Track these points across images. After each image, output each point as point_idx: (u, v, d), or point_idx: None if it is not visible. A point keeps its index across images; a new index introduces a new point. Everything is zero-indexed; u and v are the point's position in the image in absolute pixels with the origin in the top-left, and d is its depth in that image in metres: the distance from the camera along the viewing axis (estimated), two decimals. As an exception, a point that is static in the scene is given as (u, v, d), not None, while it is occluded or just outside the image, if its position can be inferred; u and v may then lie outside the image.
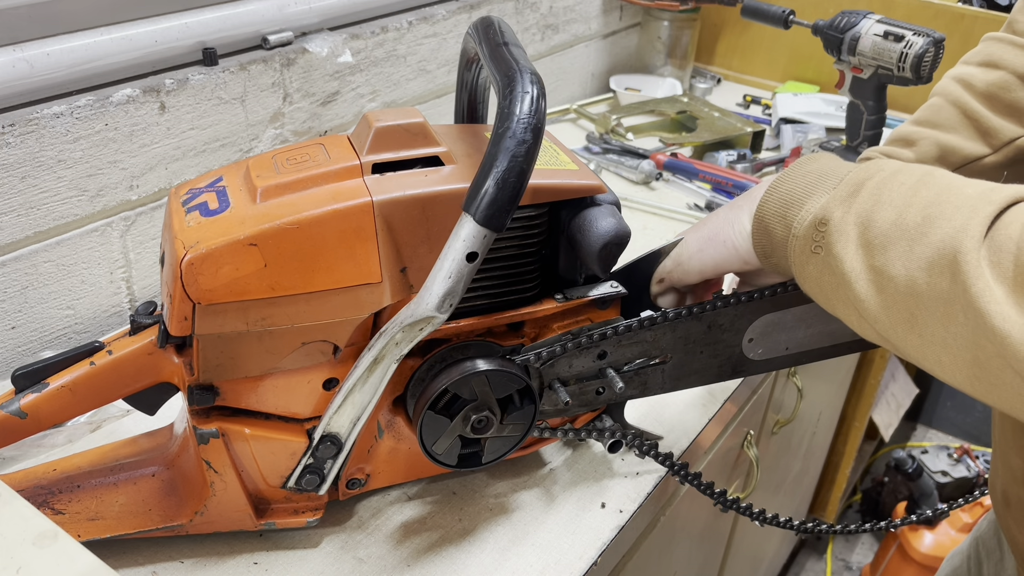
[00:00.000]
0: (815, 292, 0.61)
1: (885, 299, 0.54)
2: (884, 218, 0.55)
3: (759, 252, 0.66)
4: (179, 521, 0.68)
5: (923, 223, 0.52)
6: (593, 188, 0.69)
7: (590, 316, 0.74)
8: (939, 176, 0.56)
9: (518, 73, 0.59)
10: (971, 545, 1.03)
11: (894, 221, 0.54)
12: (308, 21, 1.14)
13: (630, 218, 0.75)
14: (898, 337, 0.54)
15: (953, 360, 0.51)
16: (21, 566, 0.45)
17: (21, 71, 0.86)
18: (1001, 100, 0.85)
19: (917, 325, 0.52)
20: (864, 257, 0.55)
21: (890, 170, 0.58)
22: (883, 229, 0.54)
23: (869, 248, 0.55)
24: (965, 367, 0.51)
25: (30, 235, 0.89)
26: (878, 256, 0.54)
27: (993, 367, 0.49)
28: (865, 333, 0.58)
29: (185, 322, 0.60)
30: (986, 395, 0.51)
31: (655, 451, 0.78)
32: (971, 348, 0.49)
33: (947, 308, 0.50)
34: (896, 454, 2.10)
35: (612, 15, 1.71)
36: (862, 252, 0.55)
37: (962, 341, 0.50)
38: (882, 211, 0.55)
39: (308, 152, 0.66)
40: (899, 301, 0.53)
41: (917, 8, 1.64)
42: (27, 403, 0.64)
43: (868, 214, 0.56)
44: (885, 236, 0.54)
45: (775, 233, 0.63)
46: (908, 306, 0.52)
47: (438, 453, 0.69)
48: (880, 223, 0.55)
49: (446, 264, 0.58)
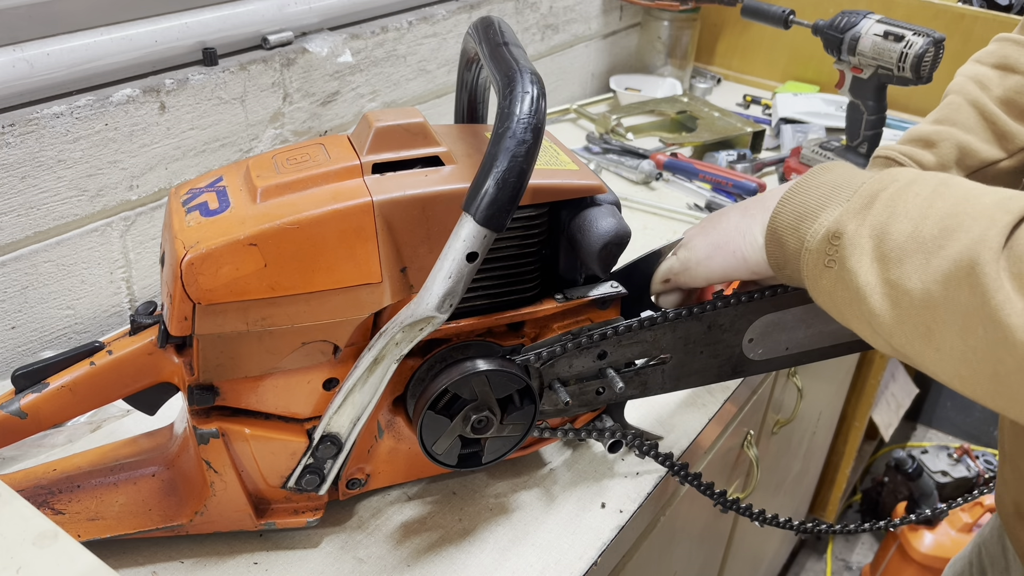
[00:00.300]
0: (828, 306, 0.60)
1: (900, 313, 0.53)
2: (899, 231, 0.53)
3: (773, 264, 0.65)
4: (179, 521, 0.68)
5: (940, 235, 0.51)
6: (593, 188, 0.69)
7: (590, 316, 0.74)
8: (955, 186, 0.55)
9: (518, 73, 0.59)
10: (973, 551, 1.02)
11: (910, 234, 0.53)
12: (308, 21, 1.14)
13: (630, 218, 0.75)
14: (915, 351, 0.54)
15: (972, 373, 0.50)
16: (21, 566, 0.45)
17: (21, 71, 0.86)
18: (1018, 105, 0.85)
19: (934, 339, 0.51)
20: (879, 271, 0.54)
21: (904, 180, 0.57)
22: (899, 242, 0.53)
23: (884, 261, 0.54)
24: (985, 381, 0.50)
25: (30, 235, 0.89)
26: (893, 269, 0.53)
27: (1014, 381, 0.48)
28: (879, 346, 0.57)
29: (185, 322, 0.60)
30: (1008, 408, 0.50)
31: (655, 451, 0.78)
32: (991, 362, 0.48)
33: (966, 321, 0.49)
34: (896, 454, 2.10)
35: (612, 15, 1.71)
36: (877, 265, 0.54)
37: (981, 355, 0.49)
38: (897, 223, 0.54)
39: (308, 152, 0.66)
40: (915, 315, 0.52)
41: (917, 8, 1.64)
42: (27, 403, 0.64)
43: (883, 227, 0.55)
44: (901, 249, 0.53)
45: (788, 246, 0.62)
46: (925, 320, 0.52)
47: (438, 453, 0.69)
48: (895, 236, 0.54)
49: (446, 264, 0.58)
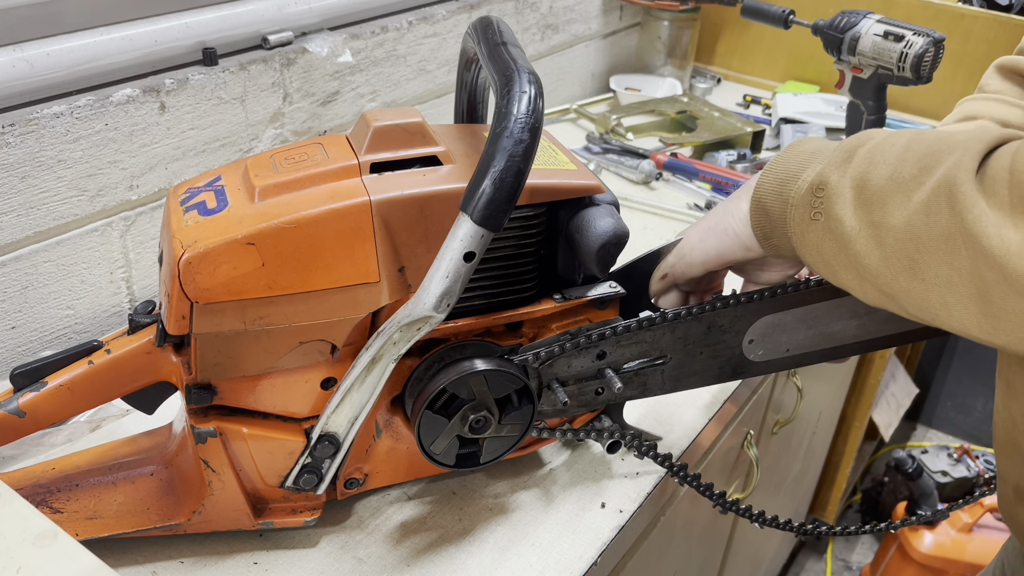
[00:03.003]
0: (816, 261, 0.62)
1: (885, 251, 0.55)
2: (880, 175, 0.56)
3: (759, 234, 0.67)
4: (177, 520, 0.68)
5: (919, 173, 0.54)
6: (591, 188, 0.69)
7: (589, 316, 0.74)
8: (929, 133, 0.58)
9: (516, 73, 0.59)
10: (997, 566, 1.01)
11: (889, 176, 0.56)
12: (308, 21, 1.14)
13: (630, 218, 0.76)
14: (901, 288, 0.55)
15: (959, 299, 0.52)
16: (21, 566, 0.45)
17: (21, 71, 0.86)
18: None
19: (920, 269, 0.53)
20: (862, 215, 0.57)
21: (880, 136, 0.60)
22: (879, 185, 0.56)
23: (867, 205, 0.56)
24: (972, 304, 0.51)
25: (30, 235, 0.89)
26: (876, 211, 0.56)
27: (997, 297, 0.49)
28: (867, 295, 0.59)
29: (183, 321, 0.60)
30: (994, 333, 0.51)
31: (654, 452, 0.78)
32: (975, 281, 0.50)
33: (948, 244, 0.51)
34: (896, 454, 2.10)
35: (612, 15, 1.71)
36: (860, 211, 0.57)
37: (966, 276, 0.51)
38: (877, 169, 0.57)
39: (306, 151, 0.66)
40: (899, 249, 0.54)
41: (917, 8, 1.64)
42: (25, 402, 0.64)
43: (863, 174, 0.57)
44: (882, 191, 0.56)
45: (773, 210, 0.65)
46: (908, 252, 0.54)
47: (436, 453, 0.69)
48: (876, 180, 0.56)
49: (443, 264, 0.58)
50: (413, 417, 0.68)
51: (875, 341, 0.79)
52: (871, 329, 0.78)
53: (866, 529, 0.95)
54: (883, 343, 0.80)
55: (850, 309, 0.76)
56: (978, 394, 2.43)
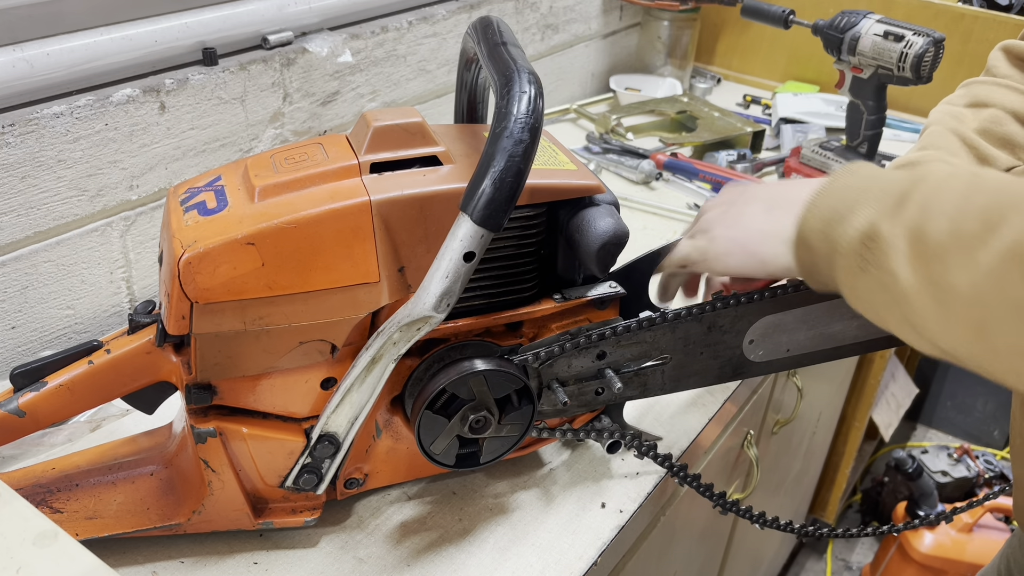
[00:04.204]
0: (866, 310, 0.59)
1: (947, 313, 0.51)
2: (938, 228, 0.51)
3: (803, 271, 0.64)
4: (177, 520, 0.68)
5: (983, 231, 0.49)
6: (591, 188, 0.69)
7: (589, 316, 0.74)
8: (989, 179, 0.53)
9: (515, 72, 0.59)
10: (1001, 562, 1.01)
11: (949, 231, 0.51)
12: (308, 21, 1.14)
13: (630, 218, 0.75)
14: (966, 352, 0.52)
15: None
16: (21, 566, 0.45)
17: (21, 71, 0.86)
18: (995, 133, 0.87)
19: (988, 336, 0.50)
20: (921, 272, 0.52)
21: (935, 178, 0.55)
22: (938, 240, 0.51)
23: (925, 261, 0.52)
24: None
25: (30, 235, 0.89)
26: (935, 269, 0.51)
27: None
28: (922, 348, 0.56)
29: (183, 321, 0.60)
30: None
31: (654, 452, 0.78)
32: None
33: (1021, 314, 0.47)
34: (896, 454, 2.10)
35: (612, 15, 1.71)
36: (918, 266, 0.52)
37: None
38: (934, 222, 0.52)
39: (306, 151, 0.66)
40: (965, 313, 0.50)
41: (917, 8, 1.64)
42: (25, 402, 0.64)
43: (919, 226, 0.53)
44: (941, 247, 0.51)
45: (819, 251, 0.61)
46: (975, 317, 0.50)
47: (436, 453, 0.69)
48: (934, 234, 0.52)
49: (443, 264, 0.58)
50: (413, 417, 0.68)
51: (875, 341, 0.79)
52: (872, 329, 0.78)
53: (867, 532, 0.95)
54: (884, 343, 0.80)
55: (851, 310, 0.76)
56: (978, 394, 2.43)
